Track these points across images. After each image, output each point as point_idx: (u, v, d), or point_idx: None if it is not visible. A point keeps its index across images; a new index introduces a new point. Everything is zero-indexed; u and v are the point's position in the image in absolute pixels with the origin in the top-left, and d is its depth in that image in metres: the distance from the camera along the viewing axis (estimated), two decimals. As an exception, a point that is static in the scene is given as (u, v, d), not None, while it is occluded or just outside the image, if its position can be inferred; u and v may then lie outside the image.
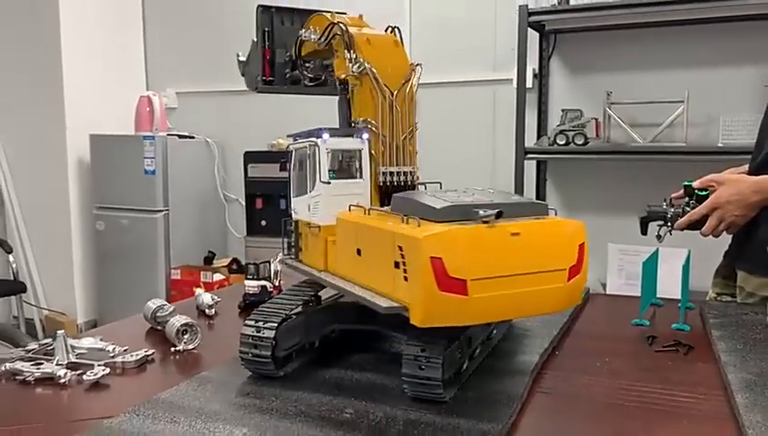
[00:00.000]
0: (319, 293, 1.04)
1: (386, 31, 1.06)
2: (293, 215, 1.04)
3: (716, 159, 2.71)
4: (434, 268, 0.73)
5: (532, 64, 3.43)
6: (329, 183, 0.94)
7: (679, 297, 1.23)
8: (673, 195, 1.41)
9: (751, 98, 3.07)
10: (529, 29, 3.23)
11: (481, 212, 0.77)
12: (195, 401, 0.86)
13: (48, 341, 1.07)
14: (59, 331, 1.04)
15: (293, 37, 1.22)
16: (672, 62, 3.29)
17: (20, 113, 4.20)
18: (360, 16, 1.09)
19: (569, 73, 3.53)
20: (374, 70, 0.98)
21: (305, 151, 0.97)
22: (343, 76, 1.02)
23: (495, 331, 1.06)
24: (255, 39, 1.26)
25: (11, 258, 3.79)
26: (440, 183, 1.02)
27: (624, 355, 1.06)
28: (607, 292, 1.95)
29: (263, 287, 1.33)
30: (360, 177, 0.96)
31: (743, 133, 2.89)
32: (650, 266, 1.26)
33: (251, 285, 1.34)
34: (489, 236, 0.77)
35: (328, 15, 1.08)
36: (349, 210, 0.93)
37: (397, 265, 0.77)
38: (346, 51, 1.01)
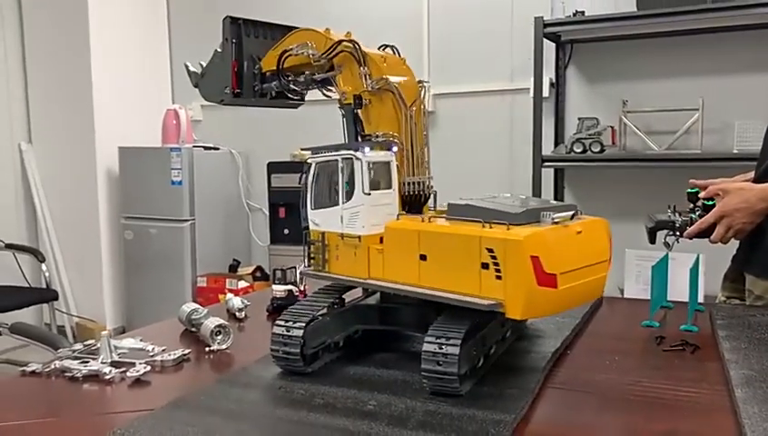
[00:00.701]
0: (343, 297, 1.09)
1: (379, 49, 1.10)
2: (312, 227, 1.05)
3: (732, 165, 2.70)
4: (534, 265, 0.82)
5: (548, 74, 3.47)
6: (370, 194, 0.97)
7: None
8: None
9: (766, 104, 3.08)
10: (545, 39, 3.27)
11: (551, 214, 0.87)
12: (231, 395, 0.92)
13: (92, 341, 1.15)
14: (103, 332, 1.11)
15: (260, 50, 1.22)
16: (686, 70, 3.31)
17: (52, 127, 4.33)
18: (348, 33, 1.10)
19: (585, 82, 3.57)
20: (398, 86, 1.04)
21: (333, 163, 1.00)
22: (356, 92, 1.06)
23: (509, 333, 1.12)
24: (218, 50, 1.25)
25: (43, 267, 3.89)
26: (435, 192, 1.08)
27: (632, 354, 1.11)
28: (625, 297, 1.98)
29: (290, 291, 1.39)
30: (389, 188, 1.01)
31: (758, 139, 2.88)
32: (660, 270, 1.30)
33: (279, 290, 1.39)
34: (565, 235, 0.87)
35: (321, 31, 1.11)
36: (398, 218, 0.98)
37: (485, 266, 0.84)
38: (360, 67, 1.05)
